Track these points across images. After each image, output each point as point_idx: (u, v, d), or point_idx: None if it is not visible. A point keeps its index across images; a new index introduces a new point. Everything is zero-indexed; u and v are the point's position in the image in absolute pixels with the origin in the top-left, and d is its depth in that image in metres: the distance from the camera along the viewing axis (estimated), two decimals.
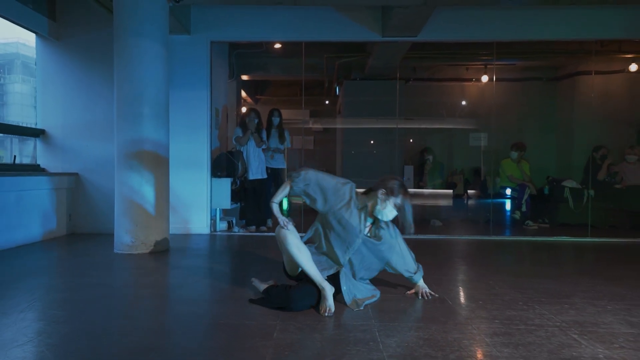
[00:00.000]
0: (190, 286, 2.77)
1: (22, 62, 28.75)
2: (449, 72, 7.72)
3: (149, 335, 1.93)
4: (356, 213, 2.34)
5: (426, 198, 7.30)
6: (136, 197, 3.79)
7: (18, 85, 28.33)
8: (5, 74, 29.41)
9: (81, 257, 3.71)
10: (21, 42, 28.37)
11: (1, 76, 29.17)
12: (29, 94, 27.44)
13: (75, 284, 2.80)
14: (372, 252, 2.39)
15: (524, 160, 6.03)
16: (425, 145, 7.58)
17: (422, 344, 1.82)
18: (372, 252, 2.39)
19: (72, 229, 4.91)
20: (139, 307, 2.41)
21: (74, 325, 2.03)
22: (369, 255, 2.39)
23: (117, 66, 3.84)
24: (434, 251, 4.12)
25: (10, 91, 29.16)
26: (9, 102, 29.00)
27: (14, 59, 28.75)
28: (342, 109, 7.91)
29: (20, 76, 28.42)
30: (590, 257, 3.98)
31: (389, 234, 2.44)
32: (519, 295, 2.56)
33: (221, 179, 5.07)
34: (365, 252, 2.38)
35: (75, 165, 4.95)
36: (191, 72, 4.97)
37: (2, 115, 28.80)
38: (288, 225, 2.29)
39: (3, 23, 4.24)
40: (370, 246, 2.38)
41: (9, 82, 29.35)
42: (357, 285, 2.39)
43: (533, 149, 7.58)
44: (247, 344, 1.82)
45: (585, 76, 6.96)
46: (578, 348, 1.80)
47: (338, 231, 2.34)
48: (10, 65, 29.33)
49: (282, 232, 2.27)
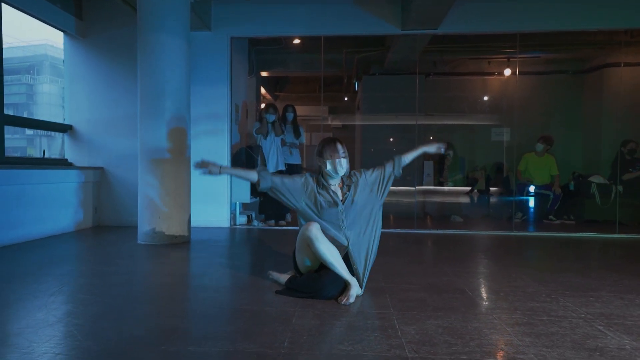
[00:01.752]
0: (210, 275, 2.82)
1: (50, 63, 29.74)
2: (470, 65, 7.58)
3: (171, 319, 1.98)
4: (324, 192, 2.39)
5: (446, 194, 7.21)
6: (158, 189, 3.87)
7: (47, 85, 29.34)
8: (35, 74, 30.47)
9: (106, 247, 3.82)
10: (49, 43, 29.32)
11: (31, 77, 30.24)
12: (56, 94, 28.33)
13: (101, 271, 2.88)
14: (359, 212, 2.40)
15: (549, 155, 5.81)
16: (446, 141, 7.47)
17: (441, 332, 1.80)
18: (360, 213, 2.40)
19: (98, 221, 5.06)
20: (162, 293, 2.47)
21: (100, 308, 2.10)
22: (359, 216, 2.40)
23: (140, 62, 3.93)
24: (454, 246, 4.07)
25: (40, 91, 30.21)
26: (38, 102, 30.02)
27: (42, 60, 29.78)
28: (361, 104, 7.88)
29: (48, 77, 29.42)
30: (618, 253, 3.86)
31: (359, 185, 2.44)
32: (542, 288, 2.51)
33: None
34: (355, 216, 2.39)
35: (101, 159, 5.09)
36: (212, 68, 5.04)
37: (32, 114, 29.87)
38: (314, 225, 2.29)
39: (30, 25, 4.43)
40: (355, 208, 2.39)
41: (38, 83, 30.41)
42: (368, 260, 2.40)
43: (558, 144, 7.37)
44: (266, 328, 1.84)
45: (613, 68, 6.73)
46: (603, 339, 1.75)
47: (322, 216, 2.37)
48: (40, 67, 30.38)
49: (313, 232, 2.24)
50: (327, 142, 2.41)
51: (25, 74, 29.80)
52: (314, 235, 2.24)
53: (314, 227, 2.26)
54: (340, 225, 2.38)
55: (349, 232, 2.38)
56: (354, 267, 2.35)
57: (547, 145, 5.80)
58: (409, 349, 1.63)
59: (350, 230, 2.38)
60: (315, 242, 2.23)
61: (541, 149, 5.77)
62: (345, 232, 2.37)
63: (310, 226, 2.26)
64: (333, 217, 2.37)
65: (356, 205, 2.40)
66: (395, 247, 3.92)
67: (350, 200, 2.40)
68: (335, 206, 2.38)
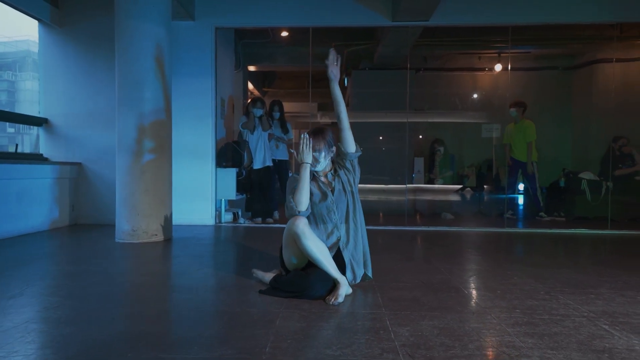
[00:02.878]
0: (191, 275, 2.64)
1: (33, 60, 28.97)
2: (460, 61, 7.49)
3: (143, 323, 1.81)
4: (313, 184, 2.26)
5: (436, 192, 7.11)
6: (137, 184, 3.68)
7: (29, 82, 28.59)
8: (16, 71, 29.70)
9: (80, 246, 3.61)
10: (32, 39, 28.56)
11: (12, 73, 29.47)
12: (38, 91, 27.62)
13: (71, 271, 2.69)
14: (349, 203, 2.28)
15: (527, 120, 5.46)
16: (436, 137, 7.37)
17: (437, 333, 1.66)
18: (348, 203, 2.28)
19: (75, 219, 4.83)
20: (136, 294, 2.29)
21: (65, 312, 1.91)
22: (348, 206, 2.28)
23: (118, 50, 3.73)
24: (446, 243, 3.95)
25: (22, 88, 29.47)
26: (20, 99, 29.29)
27: (25, 56, 29.03)
28: (350, 101, 7.74)
29: (30, 73, 28.67)
30: (612, 250, 3.78)
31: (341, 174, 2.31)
32: (539, 285, 2.39)
33: (226, 169, 4.95)
34: (344, 207, 2.28)
35: (79, 154, 4.86)
36: (196, 60, 4.84)
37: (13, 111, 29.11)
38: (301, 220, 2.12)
39: (12, 20, 4.18)
40: (343, 198, 2.28)
41: (20, 80, 29.65)
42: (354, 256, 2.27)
43: (548, 141, 7.34)
44: (247, 332, 1.68)
45: (603, 64, 6.69)
46: (610, 339, 1.63)
47: (314, 211, 2.24)
48: (22, 63, 29.61)
49: (300, 227, 2.09)
50: (310, 132, 2.28)
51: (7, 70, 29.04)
52: (300, 231, 2.08)
53: (301, 222, 2.10)
54: (332, 218, 2.24)
55: (341, 225, 2.25)
56: (348, 263, 2.21)
57: (520, 108, 5.47)
58: (403, 352, 1.49)
59: (342, 223, 2.25)
60: (302, 238, 2.08)
61: (515, 114, 5.50)
62: (337, 226, 2.24)
63: (297, 221, 2.11)
64: (324, 210, 2.24)
65: (345, 195, 2.27)
66: (386, 244, 3.78)
67: (340, 190, 2.27)
68: (325, 199, 2.24)
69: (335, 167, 2.35)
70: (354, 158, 2.31)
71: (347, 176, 2.31)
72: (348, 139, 2.26)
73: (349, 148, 2.27)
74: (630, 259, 3.26)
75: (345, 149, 2.27)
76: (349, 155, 2.28)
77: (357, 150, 2.30)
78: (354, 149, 2.28)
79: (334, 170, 2.34)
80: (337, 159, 2.34)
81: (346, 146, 2.27)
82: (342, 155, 2.31)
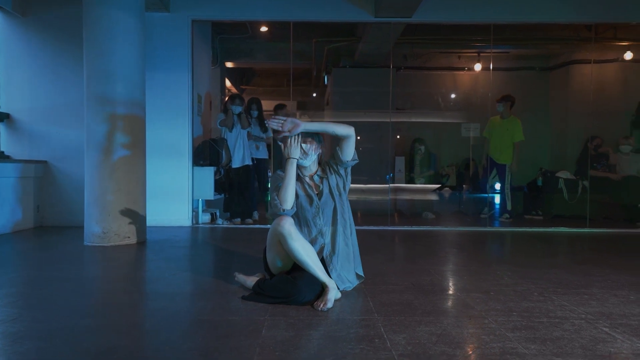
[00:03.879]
0: (166, 280, 2.46)
1: None
2: (441, 60, 7.50)
3: (112, 336, 1.63)
4: (299, 187, 2.14)
5: (417, 191, 7.08)
6: (108, 184, 3.45)
7: None
8: None
9: (45, 250, 3.36)
10: None
11: None
12: None
13: (34, 278, 2.46)
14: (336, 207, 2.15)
15: (514, 118, 5.25)
16: (417, 136, 7.35)
17: (435, 341, 1.56)
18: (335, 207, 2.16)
19: (40, 221, 4.52)
20: (106, 303, 2.10)
21: (24, 325, 1.71)
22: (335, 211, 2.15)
23: (87, 40, 3.48)
24: (429, 243, 3.89)
25: None
26: None
27: None
28: (330, 99, 7.64)
29: None
30: (593, 247, 3.80)
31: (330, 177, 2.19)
32: (532, 286, 2.33)
33: (204, 168, 4.75)
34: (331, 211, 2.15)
35: (44, 152, 4.56)
36: (171, 53, 4.62)
37: None
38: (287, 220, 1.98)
39: None
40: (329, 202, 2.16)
41: None
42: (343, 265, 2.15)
43: (526, 140, 7.44)
44: (230, 343, 1.54)
45: (579, 65, 6.82)
46: (614, 343, 1.56)
47: (302, 215, 2.12)
48: None
49: (286, 228, 1.95)
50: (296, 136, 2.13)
51: None
52: (287, 232, 1.94)
53: (286, 222, 1.97)
54: (316, 223, 2.12)
55: (326, 229, 2.13)
56: (336, 278, 2.08)
57: (507, 102, 5.20)
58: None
59: (327, 227, 2.13)
60: (288, 239, 1.94)
61: (502, 109, 5.24)
62: (322, 232, 2.11)
63: (282, 221, 1.97)
64: (308, 214, 2.12)
65: (333, 199, 2.15)
66: (371, 245, 3.68)
67: (328, 195, 2.14)
68: (311, 203, 2.12)
69: (323, 168, 2.23)
70: (349, 166, 2.20)
71: (337, 181, 2.20)
72: (347, 148, 2.13)
73: (346, 156, 2.15)
74: (613, 257, 3.27)
75: (343, 157, 2.15)
76: (346, 162, 2.16)
77: (355, 158, 2.18)
78: (352, 157, 2.16)
79: (322, 171, 2.22)
80: (330, 161, 2.22)
81: (344, 154, 2.14)
82: (337, 161, 2.18)
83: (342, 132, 2.10)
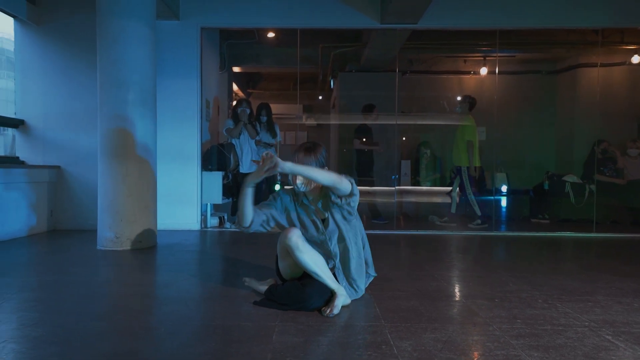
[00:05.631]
0: (178, 284, 2.53)
1: (7, 58, 28.17)
2: (447, 64, 7.52)
3: (128, 339, 1.70)
4: (302, 212, 2.14)
5: (423, 194, 7.10)
6: (120, 189, 3.53)
7: (3, 81, 27.72)
8: None
9: (60, 254, 3.44)
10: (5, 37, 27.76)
11: None
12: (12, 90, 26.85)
13: (50, 282, 2.54)
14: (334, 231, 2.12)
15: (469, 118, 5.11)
16: (423, 139, 7.38)
17: (441, 348, 1.61)
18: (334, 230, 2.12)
19: (54, 225, 4.62)
20: (120, 307, 2.17)
21: (44, 329, 1.78)
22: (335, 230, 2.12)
23: (100, 49, 3.58)
24: (435, 247, 3.93)
25: None
26: None
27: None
28: (336, 103, 7.69)
29: (5, 72, 27.82)
30: (600, 253, 3.81)
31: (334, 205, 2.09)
32: (536, 293, 2.37)
33: (212, 173, 4.82)
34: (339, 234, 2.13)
35: (58, 158, 4.66)
36: (180, 60, 4.70)
37: None
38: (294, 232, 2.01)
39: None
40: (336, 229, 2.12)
41: None
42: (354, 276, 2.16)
43: (533, 144, 7.44)
44: (242, 348, 1.60)
45: (586, 68, 6.81)
46: (616, 351, 1.60)
47: (311, 238, 2.12)
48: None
49: (293, 240, 1.99)
50: (302, 149, 2.11)
51: None
52: (294, 244, 2.00)
53: (294, 234, 2.02)
54: (325, 247, 2.13)
55: (336, 251, 2.14)
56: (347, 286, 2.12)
57: (465, 103, 5.04)
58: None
59: (336, 249, 2.14)
60: (296, 252, 2.00)
61: (460, 110, 5.12)
62: (332, 254, 2.13)
63: (290, 233, 2.02)
64: (317, 239, 2.13)
65: (338, 226, 2.11)
66: (377, 250, 3.72)
67: (334, 224, 2.10)
68: (317, 229, 2.11)
69: (326, 192, 2.07)
70: (352, 202, 2.03)
71: (341, 212, 2.08)
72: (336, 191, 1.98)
73: (341, 192, 1.99)
74: (620, 263, 3.28)
75: (334, 199, 2.02)
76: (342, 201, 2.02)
77: (353, 193, 2.01)
78: (349, 192, 1.99)
79: (326, 196, 2.07)
80: (334, 198, 2.03)
81: (335, 195, 2.01)
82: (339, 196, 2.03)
83: (326, 181, 1.95)
